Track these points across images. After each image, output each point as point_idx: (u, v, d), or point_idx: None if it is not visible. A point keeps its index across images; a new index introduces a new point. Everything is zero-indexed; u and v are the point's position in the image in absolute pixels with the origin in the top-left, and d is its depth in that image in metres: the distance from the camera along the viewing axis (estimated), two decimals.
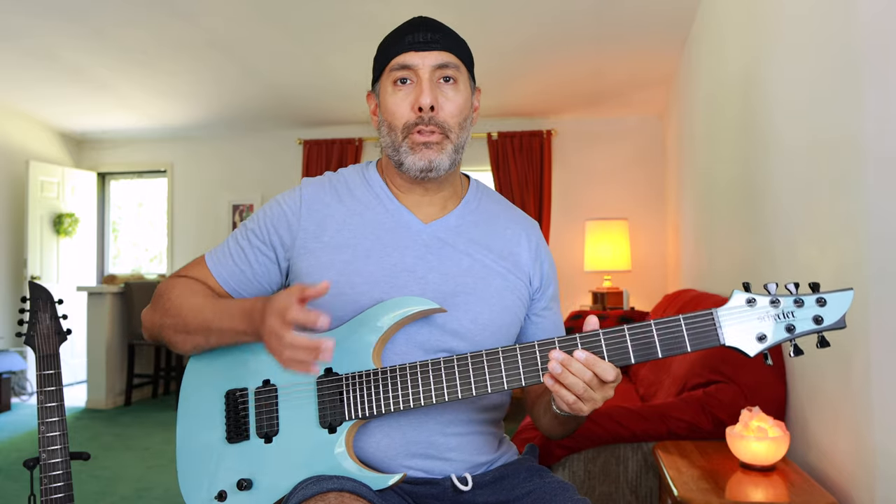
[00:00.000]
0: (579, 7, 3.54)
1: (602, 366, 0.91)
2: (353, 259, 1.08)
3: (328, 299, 1.04)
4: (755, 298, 0.90)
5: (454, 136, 1.08)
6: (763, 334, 0.89)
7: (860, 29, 1.39)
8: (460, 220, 1.14)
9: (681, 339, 0.91)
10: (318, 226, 1.11)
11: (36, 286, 1.30)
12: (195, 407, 1.10)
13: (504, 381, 0.97)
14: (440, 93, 1.06)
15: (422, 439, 1.06)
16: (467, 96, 1.10)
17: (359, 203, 1.13)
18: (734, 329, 0.90)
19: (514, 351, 0.97)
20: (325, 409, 1.02)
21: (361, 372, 1.02)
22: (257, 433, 1.04)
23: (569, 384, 0.91)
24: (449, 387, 0.98)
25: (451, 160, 1.08)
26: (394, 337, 1.06)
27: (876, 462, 1.35)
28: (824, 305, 0.89)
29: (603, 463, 1.88)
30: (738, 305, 0.90)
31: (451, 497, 1.08)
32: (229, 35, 4.03)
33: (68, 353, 5.67)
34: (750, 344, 0.89)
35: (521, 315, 1.15)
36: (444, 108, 1.06)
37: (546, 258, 1.20)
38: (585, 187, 5.36)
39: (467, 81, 1.11)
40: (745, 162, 2.42)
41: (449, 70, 1.06)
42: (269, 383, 1.06)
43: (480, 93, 1.17)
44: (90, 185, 6.16)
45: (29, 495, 1.30)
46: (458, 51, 1.09)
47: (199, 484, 1.06)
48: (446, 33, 1.09)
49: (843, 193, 1.50)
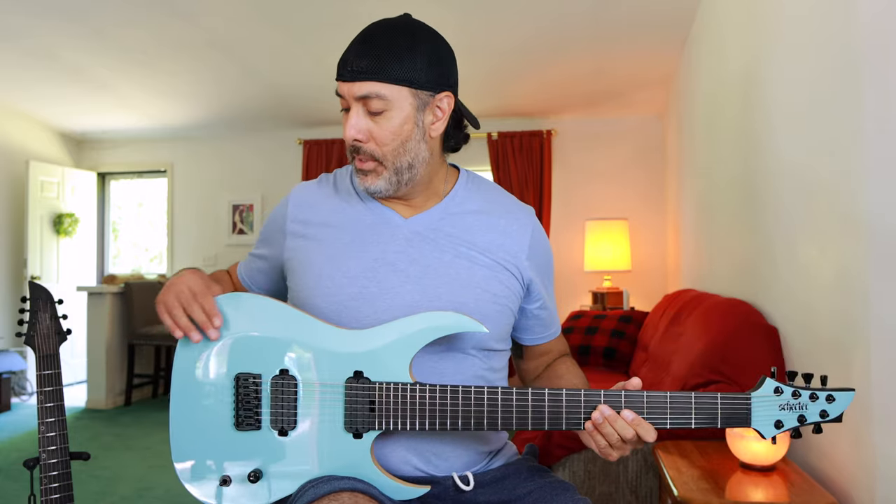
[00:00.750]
0: (579, 7, 3.54)
1: (645, 427, 0.96)
2: (334, 254, 1.11)
3: (312, 293, 1.08)
4: (781, 388, 0.98)
5: (389, 162, 1.07)
6: (780, 421, 0.99)
7: (860, 29, 1.39)
8: (443, 215, 1.14)
9: (714, 415, 0.98)
10: (303, 224, 1.16)
11: (36, 286, 1.30)
12: (199, 379, 1.04)
13: (546, 421, 0.99)
14: (371, 121, 1.05)
15: (423, 438, 1.06)
16: (402, 119, 1.05)
17: (343, 201, 1.17)
18: (761, 415, 0.98)
19: (559, 395, 0.99)
20: (352, 415, 1.00)
21: (397, 384, 1.00)
22: (271, 425, 1.02)
23: (606, 433, 0.96)
24: (489, 418, 0.99)
25: (389, 183, 1.08)
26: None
27: (876, 462, 1.35)
28: (832, 402, 0.98)
29: (603, 463, 1.88)
30: (768, 393, 0.98)
31: (453, 496, 1.08)
32: (229, 35, 4.03)
33: (68, 353, 5.67)
34: (768, 429, 0.99)
35: (512, 305, 1.13)
36: (374, 136, 1.05)
37: (540, 246, 1.18)
38: (585, 187, 5.36)
39: (405, 103, 1.05)
40: (745, 162, 2.42)
41: (372, 102, 1.03)
42: (288, 374, 1.03)
43: (450, 97, 1.09)
44: (90, 185, 6.16)
45: (29, 495, 1.30)
46: (391, 75, 1.02)
47: (198, 463, 1.03)
48: (378, 58, 1.02)
49: (843, 193, 1.50)
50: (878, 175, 1.34)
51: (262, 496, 1.01)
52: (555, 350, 1.26)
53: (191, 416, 1.04)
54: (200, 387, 1.04)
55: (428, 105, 1.07)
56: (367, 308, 1.06)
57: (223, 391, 1.04)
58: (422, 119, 1.07)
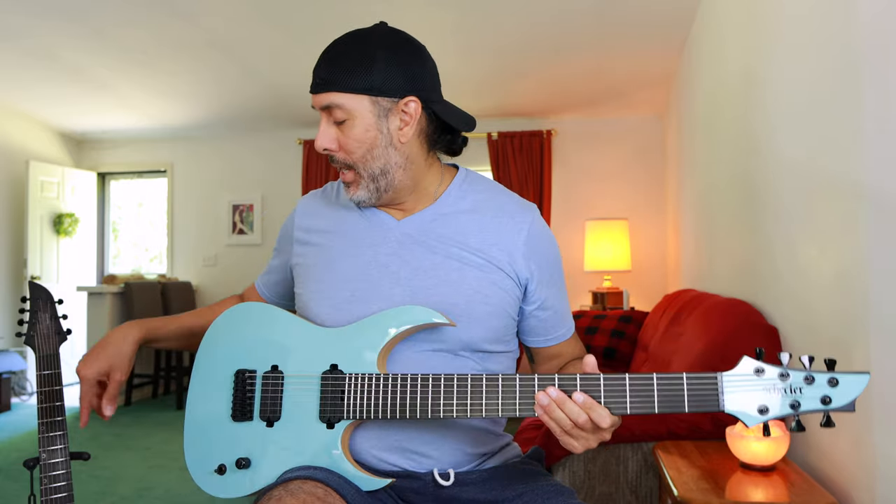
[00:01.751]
0: (579, 7, 3.54)
1: (599, 411, 0.90)
2: (332, 258, 1.15)
3: (311, 297, 1.14)
4: (764, 368, 0.87)
5: (362, 169, 1.09)
6: (765, 407, 0.86)
7: (860, 29, 1.39)
8: (435, 215, 1.14)
9: (680, 398, 0.89)
10: (306, 232, 1.22)
11: (36, 286, 1.30)
12: (207, 378, 1.14)
13: (499, 408, 0.98)
14: (338, 130, 1.09)
15: (402, 434, 1.08)
16: (364, 127, 1.07)
17: (342, 207, 1.21)
18: (736, 397, 0.87)
19: (513, 380, 0.97)
20: (325, 405, 1.05)
21: (365, 374, 1.04)
22: (260, 416, 1.08)
23: (556, 418, 0.92)
24: (446, 405, 1.00)
25: (370, 192, 1.11)
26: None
27: (876, 462, 1.35)
28: (836, 386, 0.85)
29: (603, 463, 1.88)
30: (745, 373, 0.87)
31: (433, 492, 1.08)
32: (229, 35, 4.03)
33: (68, 353, 5.66)
34: (750, 414, 0.87)
35: (508, 308, 1.12)
36: (342, 145, 1.09)
37: (539, 244, 1.14)
38: (585, 187, 5.36)
39: (364, 111, 1.06)
40: (745, 162, 2.42)
41: (335, 112, 1.07)
42: (277, 369, 1.10)
43: (417, 102, 1.08)
44: (90, 185, 6.16)
45: (29, 495, 1.30)
46: (347, 85, 1.05)
47: (201, 453, 1.11)
48: (334, 68, 1.06)
49: (843, 193, 1.50)
50: (878, 175, 1.34)
51: (249, 482, 1.07)
52: (566, 353, 1.22)
53: (200, 409, 1.14)
54: (209, 383, 1.14)
55: (391, 111, 1.08)
56: (360, 310, 1.09)
57: (225, 386, 1.12)
58: (386, 125, 1.08)
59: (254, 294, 1.38)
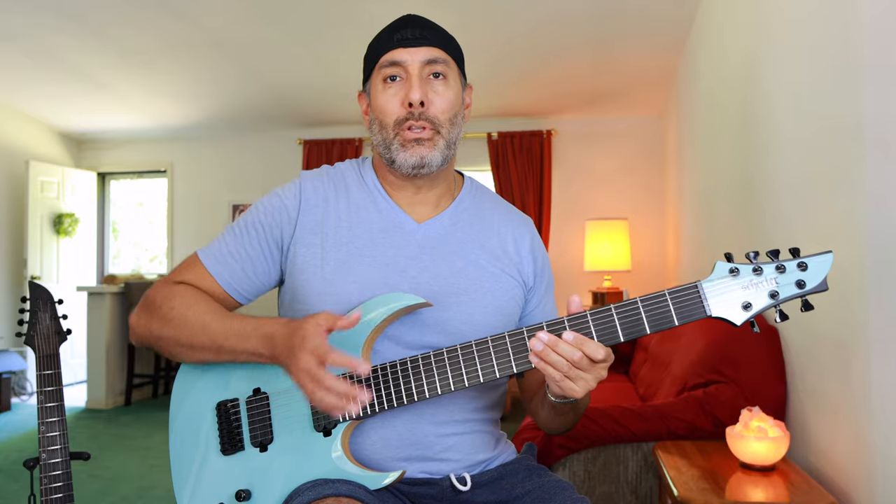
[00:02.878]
0: (579, 7, 3.54)
1: (591, 346, 0.90)
2: (347, 258, 1.07)
3: (321, 298, 1.05)
4: (738, 268, 0.90)
5: (445, 131, 1.07)
6: (748, 303, 0.90)
7: (860, 29, 1.39)
8: (454, 219, 1.14)
9: (667, 313, 0.92)
10: (316, 221, 1.10)
11: (36, 286, 1.30)
12: (187, 421, 1.08)
13: (495, 369, 0.97)
14: (430, 88, 1.06)
15: (417, 440, 1.05)
16: (458, 92, 1.09)
17: (355, 200, 1.13)
18: (719, 300, 0.91)
19: (503, 339, 0.97)
20: (318, 412, 1.02)
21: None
22: (252, 443, 1.04)
23: (552, 362, 0.91)
24: (441, 380, 0.98)
25: (443, 156, 1.08)
26: (384, 339, 1.04)
27: (875, 462, 1.35)
28: (805, 270, 0.90)
29: (603, 463, 1.88)
30: (722, 276, 0.91)
31: (450, 497, 1.07)
32: (229, 35, 4.03)
33: (68, 353, 5.66)
34: (736, 313, 0.90)
35: (514, 316, 1.14)
36: (435, 103, 1.06)
37: (540, 255, 1.19)
38: (585, 187, 5.36)
39: (457, 77, 1.11)
40: (745, 161, 2.42)
41: (438, 65, 1.07)
42: (260, 391, 1.05)
43: (472, 90, 1.17)
44: (90, 185, 6.16)
45: (29, 495, 1.30)
46: (447, 47, 1.09)
47: (196, 497, 1.05)
48: (435, 30, 1.09)
49: (843, 193, 1.50)
50: (877, 175, 1.34)
51: None
52: None
53: (185, 454, 1.07)
54: (190, 423, 1.08)
55: (465, 88, 1.14)
56: None
57: (207, 423, 1.06)
58: (462, 100, 1.12)
59: (206, 281, 1.11)
